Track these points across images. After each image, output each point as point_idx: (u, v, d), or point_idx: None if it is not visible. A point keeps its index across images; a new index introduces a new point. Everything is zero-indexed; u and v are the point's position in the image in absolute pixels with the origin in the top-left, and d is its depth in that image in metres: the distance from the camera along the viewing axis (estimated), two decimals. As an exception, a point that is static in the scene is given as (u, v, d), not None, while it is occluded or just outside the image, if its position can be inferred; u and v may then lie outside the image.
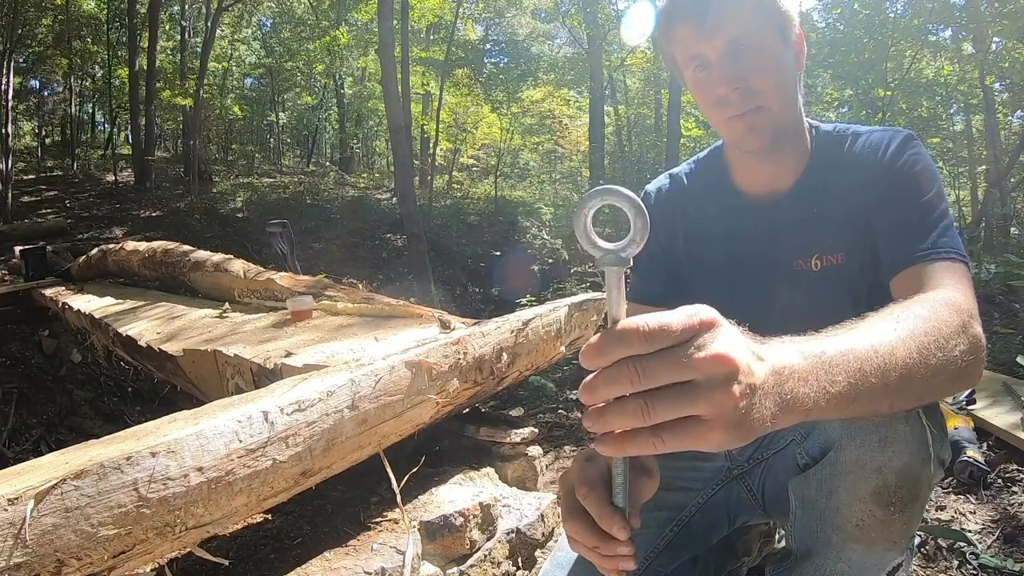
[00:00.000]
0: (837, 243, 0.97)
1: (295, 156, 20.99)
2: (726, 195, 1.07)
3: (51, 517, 0.87)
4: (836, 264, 0.97)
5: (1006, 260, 5.17)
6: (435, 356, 1.58)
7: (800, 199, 1.00)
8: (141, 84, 13.42)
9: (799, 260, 0.99)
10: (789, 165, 1.00)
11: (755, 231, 1.03)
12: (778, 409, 0.50)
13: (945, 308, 0.71)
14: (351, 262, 10.30)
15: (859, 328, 0.63)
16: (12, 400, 4.37)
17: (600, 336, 0.46)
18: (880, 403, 0.60)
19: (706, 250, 1.08)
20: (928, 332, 0.65)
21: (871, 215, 0.93)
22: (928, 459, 0.82)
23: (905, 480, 0.81)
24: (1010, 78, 8.66)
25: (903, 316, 0.66)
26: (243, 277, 3.48)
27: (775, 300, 1.01)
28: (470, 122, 14.77)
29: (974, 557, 1.67)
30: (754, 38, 0.92)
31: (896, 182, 0.92)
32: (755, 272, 1.03)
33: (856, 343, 0.59)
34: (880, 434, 0.81)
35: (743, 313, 1.03)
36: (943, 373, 0.65)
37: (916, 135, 0.97)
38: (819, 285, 0.97)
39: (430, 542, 1.52)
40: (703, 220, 1.08)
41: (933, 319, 0.67)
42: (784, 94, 0.94)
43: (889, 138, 0.95)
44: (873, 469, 0.82)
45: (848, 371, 0.56)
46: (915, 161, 0.92)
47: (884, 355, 0.59)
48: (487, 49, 18.41)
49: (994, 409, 2.42)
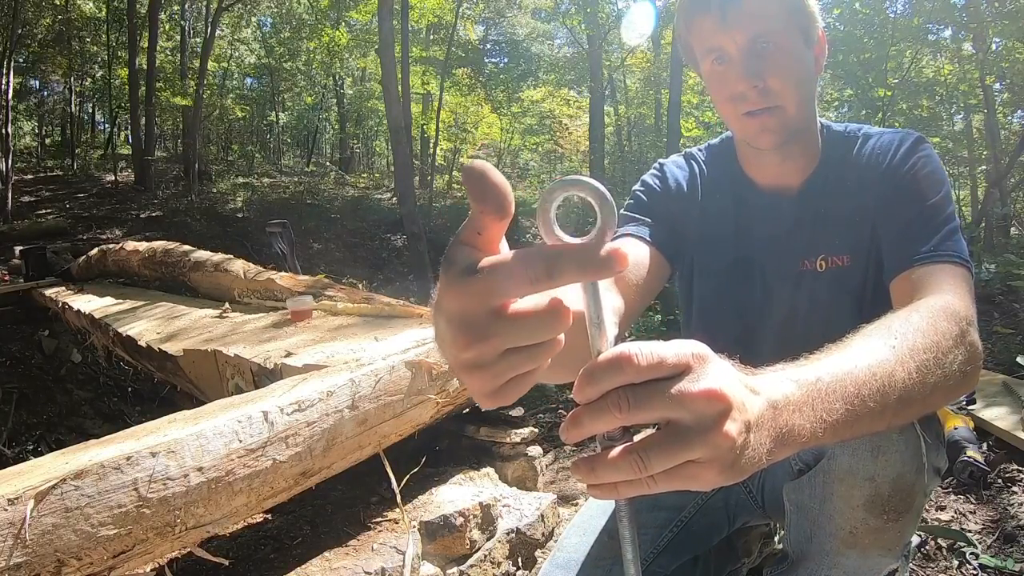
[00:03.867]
0: (843, 245, 0.96)
1: (295, 156, 20.99)
2: (740, 185, 1.05)
3: (51, 517, 0.87)
4: (841, 266, 0.96)
5: (1006, 260, 5.18)
6: (435, 356, 1.58)
7: (808, 199, 0.99)
8: (141, 84, 13.43)
9: (805, 260, 0.98)
10: (798, 164, 1.00)
11: (764, 227, 1.03)
12: (774, 444, 0.48)
13: (943, 318, 0.69)
14: (351, 262, 10.30)
15: (856, 347, 0.61)
16: (12, 400, 4.37)
17: (591, 364, 0.42)
18: (878, 424, 0.58)
19: (717, 239, 1.06)
20: (928, 348, 0.64)
21: (877, 218, 0.93)
22: (922, 468, 0.82)
23: (898, 489, 0.82)
24: (1010, 78, 8.66)
25: (901, 331, 0.64)
26: (243, 277, 3.48)
27: (778, 298, 1.01)
28: (470, 122, 14.77)
29: (974, 557, 1.67)
30: (777, 36, 0.90)
31: (902, 185, 0.91)
32: (760, 268, 1.03)
33: (853, 366, 0.57)
34: (873, 443, 0.81)
35: (745, 307, 1.04)
36: (941, 388, 0.64)
37: (926, 138, 0.96)
38: (823, 286, 0.97)
39: (430, 542, 1.52)
40: (717, 207, 1.06)
41: (932, 332, 0.66)
42: (801, 95, 0.93)
43: (899, 140, 0.94)
44: (866, 478, 0.82)
45: (845, 397, 0.54)
46: (923, 164, 0.91)
47: (882, 377, 0.57)
48: (487, 49, 18.42)
49: (994, 409, 2.42)
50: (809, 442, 0.51)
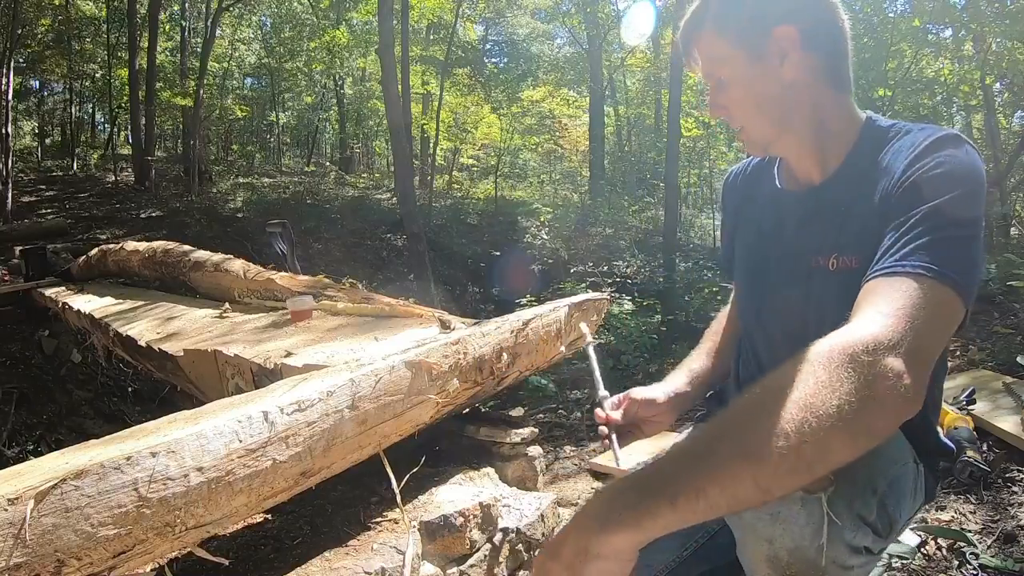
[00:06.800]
0: (855, 245, 0.91)
1: (295, 156, 20.97)
2: (770, 182, 1.09)
3: (51, 517, 0.87)
4: (850, 267, 0.91)
5: (1006, 260, 5.17)
6: (435, 356, 1.58)
7: (826, 197, 0.97)
8: (141, 84, 13.42)
9: (817, 258, 0.96)
10: (815, 163, 0.98)
11: (780, 224, 1.04)
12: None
13: (821, 364, 0.66)
14: (351, 262, 10.29)
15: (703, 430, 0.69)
16: (12, 400, 4.37)
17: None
18: (740, 488, 0.62)
19: (746, 233, 1.13)
20: (791, 403, 0.63)
21: (882, 221, 0.86)
22: (821, 549, 0.80)
23: (797, 559, 0.82)
24: (1010, 78, 8.65)
25: (747, 404, 0.68)
26: (243, 277, 3.48)
27: (787, 295, 1.00)
28: (470, 122, 14.75)
29: (974, 557, 1.67)
30: (721, 70, 0.96)
31: (906, 184, 0.84)
32: (775, 263, 1.04)
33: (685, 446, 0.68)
34: (772, 508, 0.81)
35: (759, 300, 1.07)
36: (831, 430, 0.62)
37: (962, 138, 0.86)
38: (832, 286, 0.93)
39: (430, 542, 1.52)
40: (752, 203, 1.13)
41: (792, 386, 0.65)
42: (759, 114, 0.96)
43: (923, 137, 0.87)
44: (764, 538, 0.83)
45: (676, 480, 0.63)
46: (938, 164, 0.83)
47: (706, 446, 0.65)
48: (487, 49, 18.44)
49: (994, 409, 2.42)
50: (672, 516, 0.61)
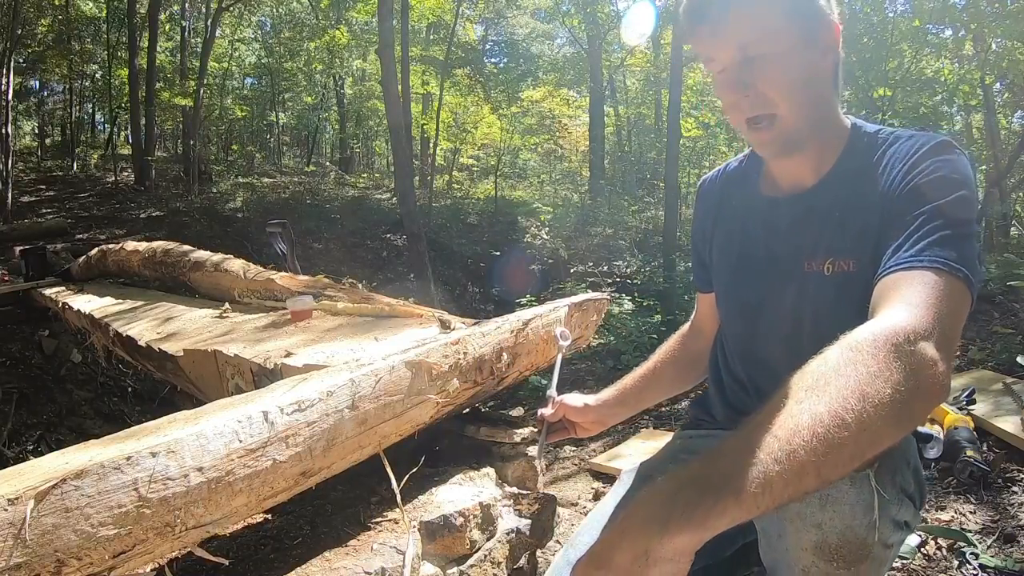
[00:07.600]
0: (850, 248, 0.92)
1: (295, 156, 20.97)
2: (749, 188, 1.08)
3: (51, 517, 0.87)
4: (847, 271, 0.92)
5: (1006, 260, 5.18)
6: (435, 356, 1.58)
7: (819, 200, 0.96)
8: (141, 84, 13.43)
9: (810, 262, 0.95)
10: (810, 165, 0.98)
11: (769, 227, 1.02)
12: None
13: (868, 347, 0.65)
14: (351, 262, 10.30)
15: (759, 419, 0.63)
16: (12, 400, 4.37)
17: None
18: (807, 480, 0.59)
19: (726, 240, 1.11)
20: (841, 390, 0.62)
21: (883, 223, 0.88)
22: (873, 525, 0.81)
23: (847, 541, 0.81)
24: (1010, 78, 8.65)
25: (805, 385, 0.64)
26: (243, 277, 3.48)
27: (780, 299, 0.99)
28: (470, 122, 14.76)
29: (974, 557, 1.67)
30: (767, 43, 0.88)
31: (908, 187, 0.86)
32: (762, 269, 1.03)
33: (754, 438, 0.61)
34: (822, 492, 0.80)
35: (749, 309, 1.05)
36: (877, 420, 0.61)
37: (955, 144, 0.89)
38: (828, 290, 0.93)
39: (430, 542, 1.52)
40: (729, 211, 1.11)
41: (847, 370, 0.63)
42: (800, 99, 0.91)
43: (921, 143, 0.89)
44: (813, 524, 0.83)
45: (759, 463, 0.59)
46: (936, 167, 0.85)
47: (785, 438, 0.60)
48: (487, 49, 18.45)
49: (994, 409, 2.42)
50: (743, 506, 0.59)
